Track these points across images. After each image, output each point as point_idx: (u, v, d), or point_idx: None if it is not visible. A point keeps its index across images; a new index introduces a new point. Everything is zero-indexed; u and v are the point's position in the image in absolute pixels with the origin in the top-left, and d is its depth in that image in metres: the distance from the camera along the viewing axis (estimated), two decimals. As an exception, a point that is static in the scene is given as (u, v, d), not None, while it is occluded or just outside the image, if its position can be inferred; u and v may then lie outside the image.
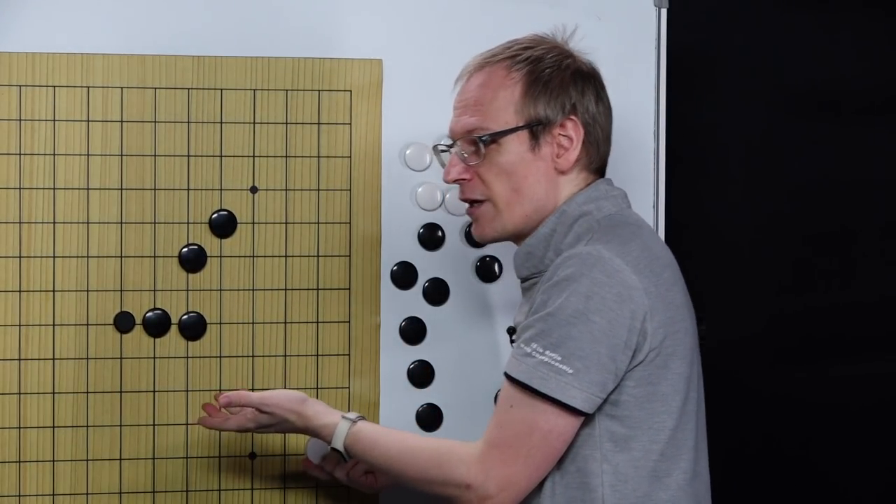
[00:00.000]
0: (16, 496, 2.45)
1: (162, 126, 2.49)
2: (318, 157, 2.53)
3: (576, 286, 2.03)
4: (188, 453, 2.50)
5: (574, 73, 2.17)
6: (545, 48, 2.19)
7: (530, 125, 2.15)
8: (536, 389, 2.03)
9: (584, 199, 2.16)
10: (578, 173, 2.18)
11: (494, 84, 2.17)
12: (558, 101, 2.15)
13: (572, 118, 2.15)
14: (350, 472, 2.38)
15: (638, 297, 2.04)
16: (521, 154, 2.15)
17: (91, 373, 2.47)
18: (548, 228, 2.15)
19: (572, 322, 2.02)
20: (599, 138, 2.18)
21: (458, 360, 2.58)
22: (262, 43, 2.51)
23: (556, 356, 2.02)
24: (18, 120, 2.45)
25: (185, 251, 2.49)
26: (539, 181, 2.16)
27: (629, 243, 2.08)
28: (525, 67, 2.16)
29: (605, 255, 2.05)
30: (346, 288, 2.54)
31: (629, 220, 2.15)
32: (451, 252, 2.58)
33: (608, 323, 2.02)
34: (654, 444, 2.08)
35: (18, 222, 2.45)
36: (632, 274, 2.04)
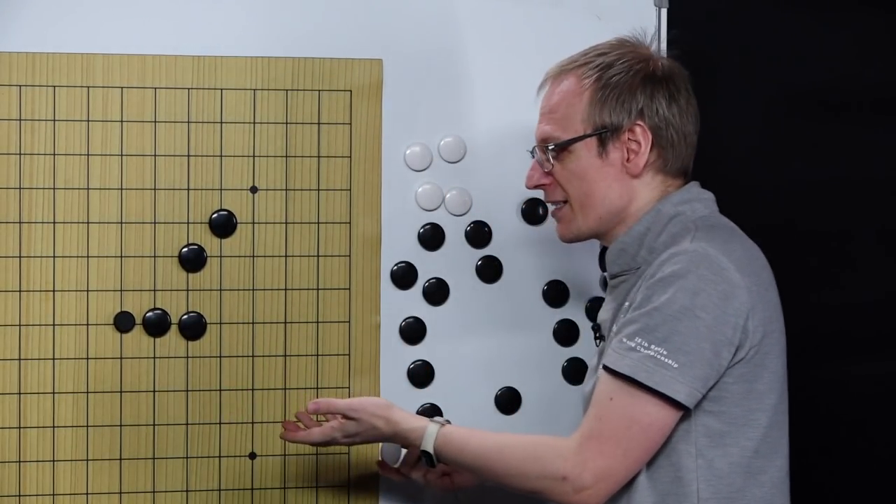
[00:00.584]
0: (16, 496, 2.45)
1: (162, 126, 2.48)
2: (318, 157, 2.53)
3: (683, 282, 2.06)
4: (188, 453, 2.50)
5: (644, 77, 2.20)
6: (619, 53, 2.23)
7: (597, 132, 2.20)
8: (642, 382, 2.05)
9: (679, 200, 2.20)
10: (654, 176, 2.22)
11: (566, 92, 2.23)
12: (624, 106, 2.19)
13: (639, 123, 2.19)
14: (427, 474, 2.41)
15: (741, 295, 2.08)
16: (590, 160, 2.21)
17: (91, 373, 2.47)
18: (642, 227, 2.19)
19: (679, 318, 2.05)
20: (674, 140, 2.21)
21: (458, 360, 2.58)
22: (262, 43, 2.51)
23: (663, 350, 2.05)
24: (18, 120, 2.45)
25: (185, 251, 2.49)
26: (611, 186, 2.21)
27: (731, 242, 2.13)
28: (594, 74, 2.21)
29: (711, 253, 2.08)
30: (346, 288, 2.54)
31: (722, 222, 2.21)
32: (451, 252, 2.58)
33: (714, 319, 2.06)
34: (749, 440, 2.11)
35: (18, 222, 2.45)
36: (736, 272, 2.08)
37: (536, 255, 2.61)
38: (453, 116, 2.57)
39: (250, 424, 2.51)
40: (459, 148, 2.57)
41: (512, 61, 2.58)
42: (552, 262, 2.61)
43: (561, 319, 2.61)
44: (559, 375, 2.61)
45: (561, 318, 2.61)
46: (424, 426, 2.26)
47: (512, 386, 2.60)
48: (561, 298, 2.61)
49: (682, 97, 2.23)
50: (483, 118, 2.58)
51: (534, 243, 2.60)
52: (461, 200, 2.58)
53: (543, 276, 2.62)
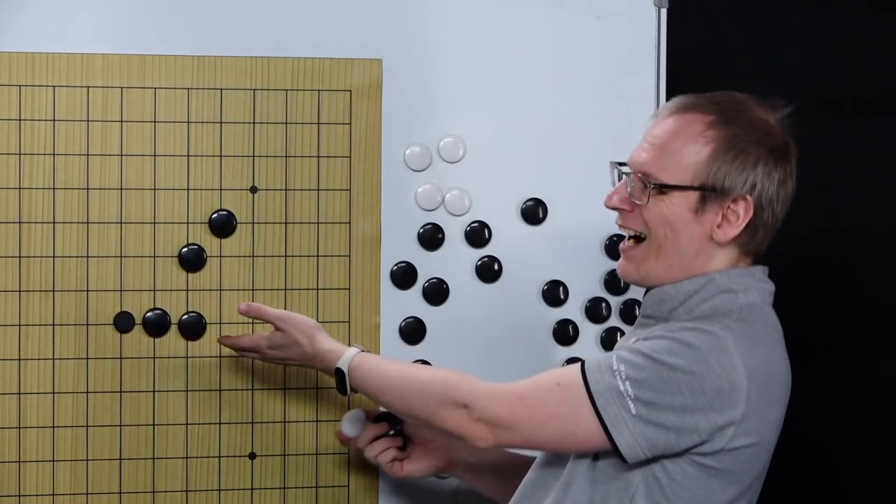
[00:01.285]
0: (16, 496, 2.45)
1: (162, 126, 2.48)
2: (318, 157, 2.53)
3: (689, 355, 2.01)
4: (188, 453, 2.50)
5: (770, 150, 2.11)
6: (754, 117, 2.13)
7: (703, 188, 2.10)
8: (596, 404, 2.02)
9: (737, 277, 2.12)
10: (733, 249, 2.13)
11: (687, 135, 2.11)
12: (741, 175, 2.09)
13: (747, 197, 2.10)
14: (379, 456, 2.39)
15: (735, 400, 2.02)
16: (682, 211, 2.11)
17: (91, 373, 2.47)
18: (691, 287, 2.11)
19: (665, 380, 2.00)
20: (768, 223, 2.13)
21: (458, 360, 2.58)
22: (262, 43, 2.51)
23: (632, 392, 2.01)
24: (18, 120, 2.45)
25: (185, 251, 2.49)
26: (691, 243, 2.12)
27: (757, 347, 2.06)
28: (723, 131, 2.10)
29: (730, 350, 2.03)
30: (346, 288, 2.54)
31: (767, 319, 2.13)
32: (451, 252, 2.58)
33: (693, 403, 2.00)
34: None
35: (18, 222, 2.45)
36: (744, 377, 2.02)
37: (536, 255, 2.61)
38: (453, 116, 2.57)
39: (250, 424, 2.51)
40: (459, 148, 2.57)
41: (512, 61, 2.58)
42: (552, 262, 2.61)
43: (560, 319, 2.61)
44: (559, 375, 2.61)
45: (560, 318, 2.61)
46: (344, 349, 2.27)
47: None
48: (560, 298, 2.61)
49: (791, 181, 2.14)
50: (483, 118, 2.58)
51: (533, 243, 2.60)
52: (461, 200, 2.58)
53: (543, 276, 2.62)
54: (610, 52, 2.59)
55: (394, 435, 2.41)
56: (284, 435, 2.52)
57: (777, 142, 2.13)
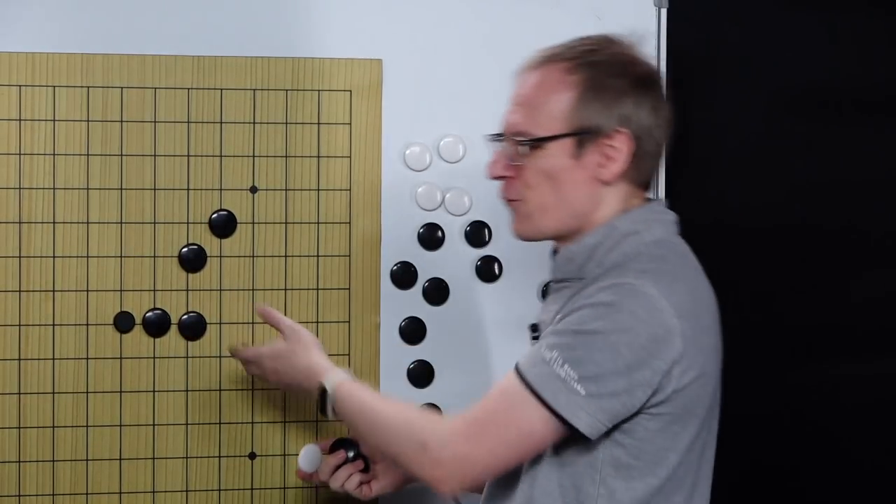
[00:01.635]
0: (16, 496, 2.45)
1: (162, 126, 2.49)
2: (318, 157, 2.53)
3: (616, 315, 1.99)
4: (188, 453, 2.50)
5: (633, 81, 2.09)
6: (608, 53, 2.11)
7: (576, 133, 2.08)
8: (544, 399, 1.99)
9: (637, 219, 2.10)
10: (623, 186, 2.10)
11: (549, 85, 2.10)
12: (610, 111, 2.07)
13: (622, 130, 2.07)
14: (345, 484, 2.35)
15: (672, 341, 2.00)
16: (562, 160, 2.08)
17: (91, 373, 2.47)
18: (594, 240, 2.09)
19: (601, 348, 1.98)
20: (650, 152, 2.10)
21: (458, 360, 2.58)
22: (262, 43, 2.51)
23: (574, 374, 1.98)
24: (18, 120, 2.45)
25: (185, 251, 2.49)
26: (578, 188, 2.09)
27: (677, 282, 2.04)
28: (582, 72, 2.08)
29: (651, 293, 2.00)
30: (346, 288, 2.54)
31: (677, 250, 2.11)
32: (451, 252, 2.58)
33: (636, 359, 1.98)
34: (655, 478, 2.04)
35: (18, 222, 2.45)
36: (673, 316, 2.00)
37: (536, 255, 2.60)
38: (453, 116, 2.57)
39: (250, 424, 2.51)
40: (459, 148, 2.58)
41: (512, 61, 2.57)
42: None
43: (561, 319, 2.61)
44: (559, 375, 2.61)
45: (561, 318, 2.61)
46: (334, 369, 2.21)
47: (512, 386, 2.60)
48: (561, 298, 2.61)
49: (662, 107, 2.12)
50: (483, 118, 2.57)
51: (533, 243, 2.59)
52: (461, 200, 2.58)
53: (543, 276, 2.61)
54: (610, 52, 2.59)
55: (353, 460, 2.37)
56: (284, 435, 2.52)
57: (639, 71, 2.11)
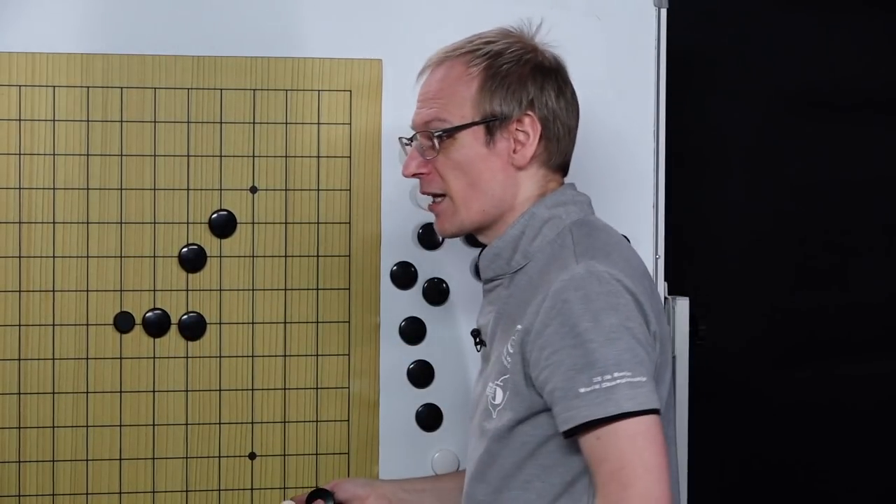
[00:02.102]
0: (16, 496, 2.45)
1: (162, 126, 2.49)
2: (318, 157, 2.53)
3: (597, 304, 1.99)
4: (188, 453, 2.50)
5: (534, 67, 2.14)
6: (507, 42, 2.16)
7: (485, 120, 2.12)
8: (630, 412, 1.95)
9: (553, 203, 2.14)
10: (538, 169, 2.15)
11: (453, 79, 2.15)
12: (515, 96, 2.12)
13: (529, 114, 2.12)
14: None
15: (643, 301, 2.02)
16: (475, 149, 2.13)
17: (91, 373, 2.47)
18: (516, 230, 2.13)
19: (616, 337, 1.97)
20: (560, 134, 2.15)
21: (458, 360, 2.58)
22: (262, 43, 2.51)
23: (627, 373, 1.96)
24: (18, 120, 2.45)
25: (185, 251, 2.49)
26: (495, 176, 2.13)
27: (611, 254, 2.06)
28: (483, 62, 2.14)
29: (602, 269, 2.01)
30: (346, 288, 2.54)
31: (598, 225, 2.14)
32: (451, 252, 2.58)
33: (638, 326, 2.00)
34: None
35: (18, 222, 2.45)
36: (629, 282, 2.02)
37: (536, 255, 2.60)
38: (453, 116, 2.57)
39: (250, 424, 2.51)
40: (459, 148, 2.57)
41: (512, 61, 2.58)
42: (552, 262, 2.61)
43: (561, 319, 2.61)
44: (559, 375, 2.61)
45: (561, 318, 2.61)
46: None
47: (512, 386, 2.60)
48: (561, 298, 2.61)
49: (569, 91, 2.17)
50: (483, 118, 2.58)
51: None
52: (461, 200, 2.57)
53: (543, 276, 2.61)
54: (610, 52, 2.59)
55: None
56: (284, 435, 2.52)
57: (539, 59, 2.16)
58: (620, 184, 2.60)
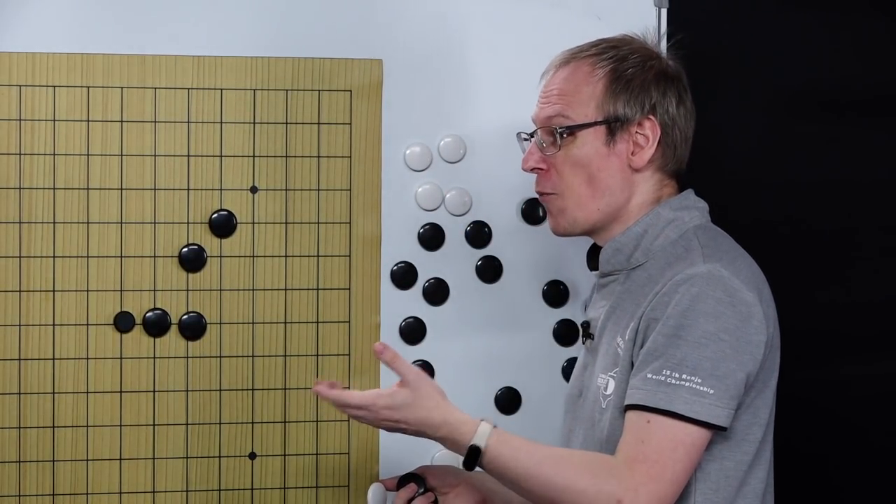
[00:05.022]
0: (16, 496, 2.45)
1: (162, 126, 2.49)
2: (318, 157, 2.53)
3: (703, 307, 2.05)
4: (188, 453, 2.50)
5: (657, 73, 2.21)
6: (631, 48, 2.23)
7: (608, 121, 2.19)
8: (684, 416, 2.02)
9: (677, 206, 2.20)
10: (653, 173, 2.21)
11: (578, 79, 2.21)
12: (638, 100, 2.19)
13: (651, 118, 2.19)
14: None
15: (756, 314, 2.07)
16: (596, 148, 2.19)
17: (91, 373, 2.47)
18: (640, 228, 2.19)
19: (705, 344, 2.03)
20: (677, 140, 2.22)
21: (458, 360, 2.58)
22: (262, 43, 2.51)
23: (696, 379, 2.03)
24: (18, 120, 2.45)
25: (185, 251, 2.49)
26: (613, 176, 2.19)
27: (737, 260, 2.13)
28: (609, 65, 2.20)
29: (724, 275, 2.07)
30: (346, 288, 2.54)
31: (720, 231, 2.21)
32: (451, 252, 2.58)
33: (737, 340, 2.04)
34: (744, 454, 2.10)
35: (18, 222, 2.45)
36: (748, 292, 2.07)
37: (536, 255, 2.61)
38: (453, 116, 2.58)
39: (250, 424, 2.51)
40: (459, 148, 2.58)
41: (512, 61, 2.58)
42: (552, 262, 2.61)
43: (560, 319, 2.61)
44: (559, 375, 2.61)
45: (560, 318, 2.61)
46: (477, 420, 2.12)
47: (512, 386, 2.60)
48: (560, 298, 2.61)
49: (688, 99, 2.25)
50: (483, 118, 2.58)
51: (534, 243, 2.60)
52: (461, 200, 2.58)
53: (543, 276, 2.62)
54: (610, 52, 2.59)
55: (423, 493, 2.36)
56: (284, 435, 2.52)
57: (663, 66, 2.23)
58: (620, 184, 2.60)
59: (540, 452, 2.09)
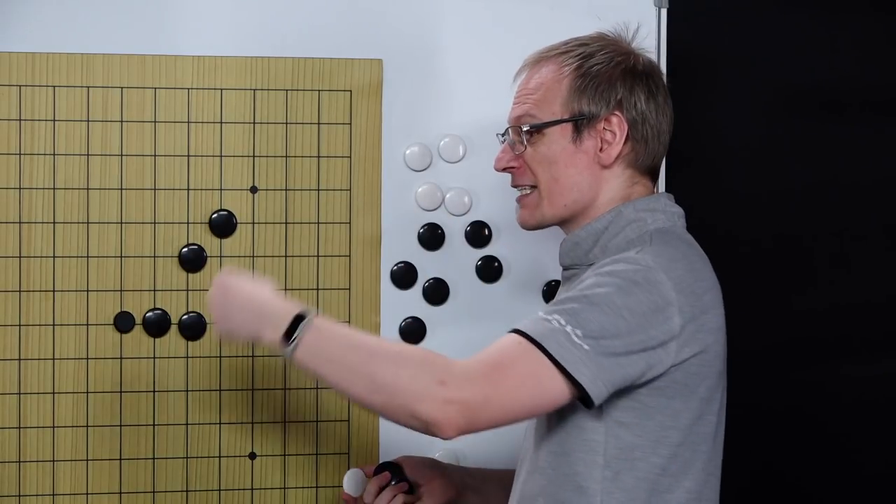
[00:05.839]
0: (16, 496, 2.45)
1: (162, 126, 2.49)
2: (318, 157, 2.53)
3: (619, 282, 2.04)
4: (188, 453, 2.50)
5: (625, 69, 2.20)
6: (600, 45, 2.23)
7: (574, 118, 2.18)
8: (550, 352, 1.99)
9: (643, 207, 2.18)
10: (624, 170, 2.20)
11: (545, 77, 2.21)
12: (604, 96, 2.18)
13: (617, 114, 2.18)
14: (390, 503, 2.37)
15: (671, 313, 2.05)
16: (563, 145, 2.19)
17: (91, 373, 2.47)
18: (600, 224, 2.18)
19: (604, 310, 2.01)
20: (648, 136, 2.20)
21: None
22: (262, 43, 2.51)
23: (578, 331, 2.00)
24: (18, 120, 2.45)
25: (185, 251, 2.49)
26: (581, 173, 2.19)
27: (676, 262, 2.10)
28: (575, 62, 2.20)
29: (651, 265, 2.06)
30: (346, 288, 2.54)
31: (682, 239, 2.18)
32: (451, 252, 2.58)
33: (636, 324, 2.02)
34: (658, 458, 2.07)
35: (18, 222, 2.45)
36: (672, 290, 2.05)
37: (536, 255, 2.61)
38: (453, 116, 2.58)
39: (250, 424, 2.51)
40: (459, 148, 2.58)
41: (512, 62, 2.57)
42: (552, 262, 2.60)
43: (561, 319, 2.61)
44: (559, 375, 2.61)
45: (561, 318, 2.61)
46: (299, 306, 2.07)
47: (512, 386, 2.60)
48: (561, 298, 2.61)
49: (661, 95, 2.22)
50: (483, 118, 2.58)
51: (534, 243, 2.60)
52: (461, 200, 2.58)
53: (543, 276, 2.62)
54: (610, 52, 2.59)
55: (397, 482, 2.38)
56: (284, 435, 2.52)
57: (632, 62, 2.21)
58: (620, 184, 2.60)
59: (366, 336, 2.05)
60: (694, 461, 2.10)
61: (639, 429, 2.07)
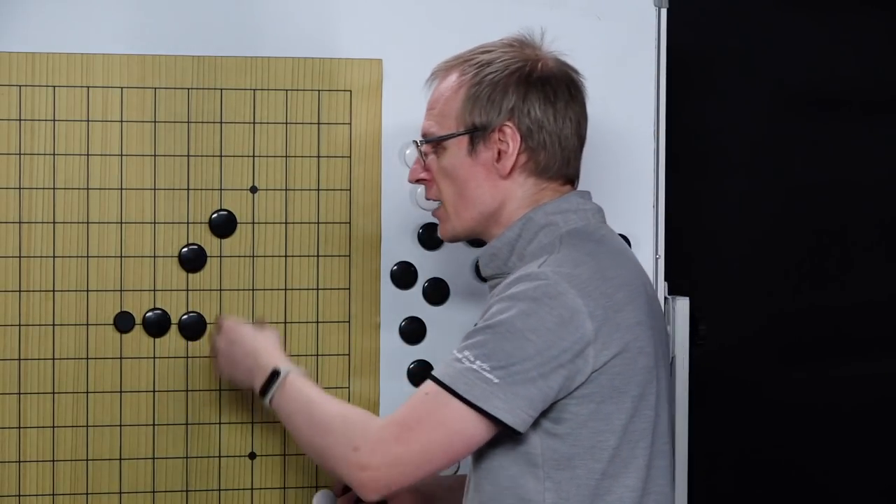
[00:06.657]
0: (16, 496, 2.45)
1: (162, 126, 2.49)
2: (318, 157, 2.53)
3: (520, 305, 2.03)
4: (188, 453, 2.50)
5: (519, 77, 2.15)
6: (502, 52, 2.18)
7: (468, 131, 2.16)
8: (459, 394, 2.02)
9: (553, 210, 2.15)
10: (526, 178, 2.16)
11: (446, 89, 2.20)
12: (495, 106, 2.15)
13: (508, 124, 2.14)
14: None
15: (580, 321, 2.03)
16: (461, 159, 2.17)
17: (91, 373, 2.47)
18: (513, 233, 2.16)
19: (508, 338, 2.02)
20: (546, 143, 2.15)
21: (458, 360, 2.58)
22: (262, 43, 2.51)
23: (486, 366, 2.01)
24: (18, 120, 2.45)
25: (185, 251, 2.49)
26: (481, 185, 2.17)
27: (581, 266, 2.07)
28: (472, 71, 2.17)
29: (550, 278, 2.04)
30: (346, 288, 2.54)
31: (592, 237, 2.14)
32: (451, 252, 2.58)
33: (544, 343, 2.01)
34: (597, 462, 2.07)
35: (18, 222, 2.45)
36: (577, 297, 2.03)
37: (536, 255, 2.60)
38: (453, 116, 2.57)
39: (250, 424, 2.52)
40: (459, 148, 2.57)
41: (512, 61, 2.57)
42: (552, 262, 2.61)
43: (561, 319, 2.61)
44: (559, 375, 2.61)
45: (561, 318, 2.61)
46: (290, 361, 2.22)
47: (512, 386, 2.60)
48: (561, 298, 2.61)
49: (561, 100, 2.17)
50: (483, 118, 2.57)
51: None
52: (461, 200, 2.57)
53: (543, 276, 2.61)
54: (610, 52, 2.59)
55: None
56: (284, 435, 2.52)
57: (530, 68, 2.17)
58: (620, 184, 2.60)
59: (315, 395, 2.15)
60: (633, 459, 2.09)
61: (572, 438, 2.06)
